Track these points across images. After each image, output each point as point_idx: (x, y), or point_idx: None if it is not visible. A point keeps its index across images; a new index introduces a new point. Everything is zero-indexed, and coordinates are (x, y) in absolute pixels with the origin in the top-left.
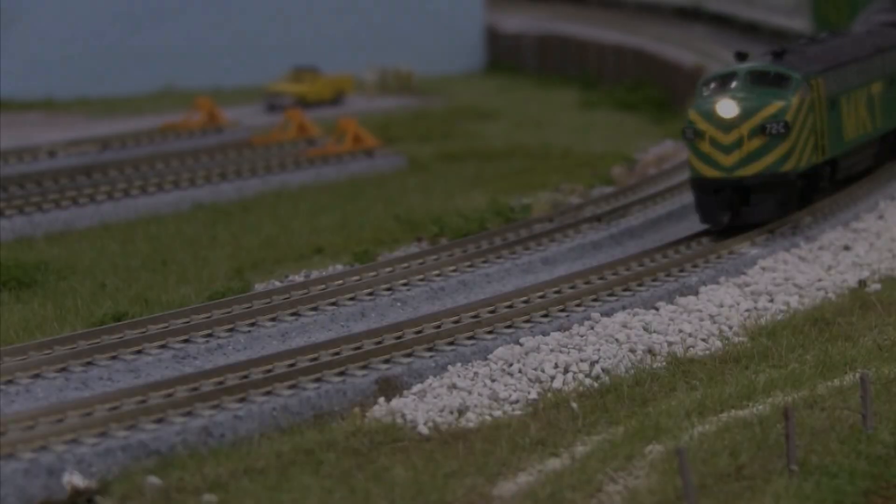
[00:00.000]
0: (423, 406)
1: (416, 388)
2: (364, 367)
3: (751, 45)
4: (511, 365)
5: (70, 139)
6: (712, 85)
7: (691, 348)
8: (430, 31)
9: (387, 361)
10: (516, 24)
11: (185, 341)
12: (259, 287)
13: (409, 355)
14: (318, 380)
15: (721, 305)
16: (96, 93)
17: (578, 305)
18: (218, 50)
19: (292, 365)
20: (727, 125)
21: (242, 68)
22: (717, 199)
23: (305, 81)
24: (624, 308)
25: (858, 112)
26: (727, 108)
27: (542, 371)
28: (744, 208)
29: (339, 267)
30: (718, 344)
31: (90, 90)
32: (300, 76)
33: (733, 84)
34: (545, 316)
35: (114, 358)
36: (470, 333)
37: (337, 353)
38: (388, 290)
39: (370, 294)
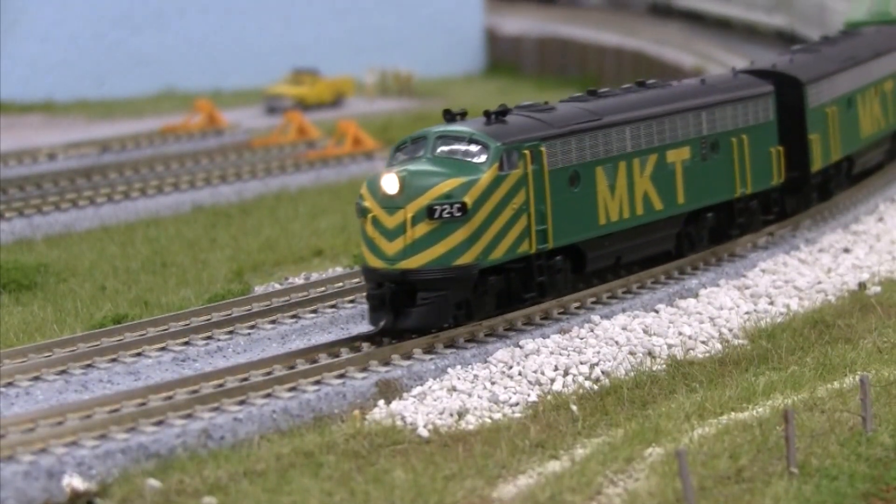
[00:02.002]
0: (422, 409)
1: (416, 390)
2: (364, 370)
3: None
4: (511, 367)
5: (70, 141)
6: (403, 150)
7: (691, 351)
8: (430, 33)
9: (386, 364)
10: (516, 26)
11: (185, 343)
12: (259, 289)
13: (408, 358)
14: (317, 382)
15: (721, 308)
16: (96, 95)
17: (578, 308)
18: (218, 52)
19: (292, 367)
20: (391, 204)
21: (242, 70)
22: (377, 295)
23: (305, 84)
24: (624, 311)
25: (627, 187)
26: (390, 182)
27: (542, 373)
28: (408, 310)
29: (339, 269)
30: (718, 346)
31: (90, 92)
32: (300, 78)
33: (421, 152)
34: (545, 318)
35: (113, 360)
36: (469, 336)
37: (336, 356)
38: None
39: None
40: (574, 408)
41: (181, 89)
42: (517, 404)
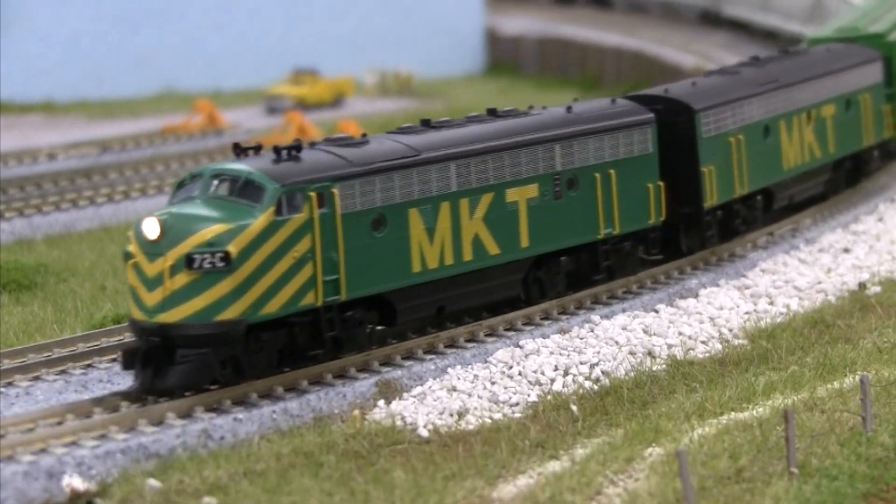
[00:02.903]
0: (422, 409)
1: (416, 390)
2: (364, 370)
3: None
4: (511, 367)
5: (70, 141)
6: (183, 188)
7: (691, 351)
8: (431, 33)
9: (386, 364)
10: (516, 26)
11: None
12: None
13: (408, 358)
14: (317, 382)
15: (721, 308)
16: (96, 95)
17: (578, 308)
18: (218, 52)
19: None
20: (152, 250)
21: (242, 70)
22: (131, 350)
23: (305, 83)
24: (624, 311)
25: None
26: (150, 226)
27: (542, 374)
28: (168, 368)
29: None
30: (718, 346)
31: (90, 92)
32: (300, 78)
33: (195, 192)
34: (545, 318)
35: (113, 360)
36: (469, 336)
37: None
38: None
39: None
40: (574, 408)
41: (181, 89)
42: (517, 404)
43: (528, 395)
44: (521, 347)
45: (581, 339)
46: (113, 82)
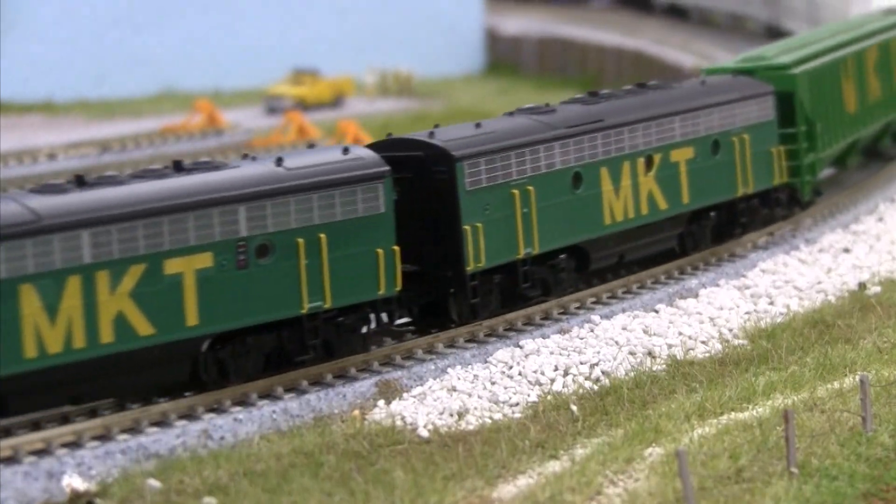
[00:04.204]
0: (423, 409)
1: (416, 390)
2: (364, 370)
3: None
4: (511, 367)
5: (70, 141)
6: None
7: (691, 351)
8: (430, 33)
9: (386, 364)
10: (516, 26)
11: None
12: None
13: (408, 358)
14: (318, 382)
15: (721, 308)
16: (96, 95)
17: (579, 308)
18: (218, 52)
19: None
20: None
21: (242, 71)
22: None
23: (305, 84)
24: (624, 311)
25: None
26: None
27: (542, 374)
28: None
29: None
30: (718, 346)
31: (90, 92)
32: (300, 78)
33: None
34: (545, 318)
35: None
36: (469, 336)
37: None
38: None
39: None
40: (574, 408)
41: (181, 89)
42: (517, 404)
43: (528, 395)
44: (521, 347)
45: (581, 339)
46: (113, 82)
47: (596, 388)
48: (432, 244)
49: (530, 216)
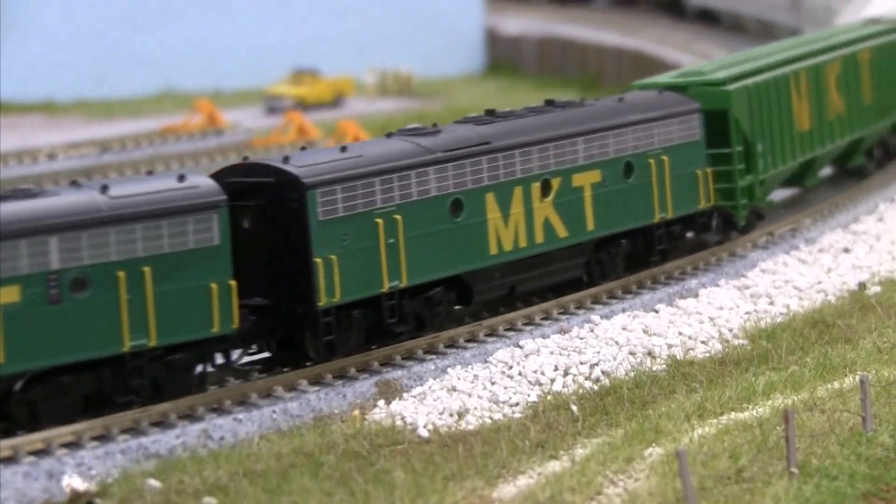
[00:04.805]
0: (422, 409)
1: (416, 390)
2: (364, 370)
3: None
4: (511, 367)
5: (70, 141)
6: None
7: (691, 351)
8: (430, 33)
9: (386, 364)
10: (516, 25)
11: None
12: None
13: (408, 358)
14: (317, 382)
15: (721, 308)
16: (96, 95)
17: (578, 308)
18: (217, 52)
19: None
20: None
21: (242, 70)
22: None
23: (305, 83)
24: (624, 311)
25: None
26: None
27: (542, 374)
28: None
29: None
30: (718, 346)
31: (90, 92)
32: (300, 78)
33: None
34: (545, 318)
35: None
36: (469, 336)
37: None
38: None
39: None
40: (574, 408)
41: (181, 89)
42: (517, 404)
43: (528, 395)
44: (521, 347)
45: (581, 339)
46: (113, 82)
47: (596, 388)
48: (284, 277)
49: (397, 247)
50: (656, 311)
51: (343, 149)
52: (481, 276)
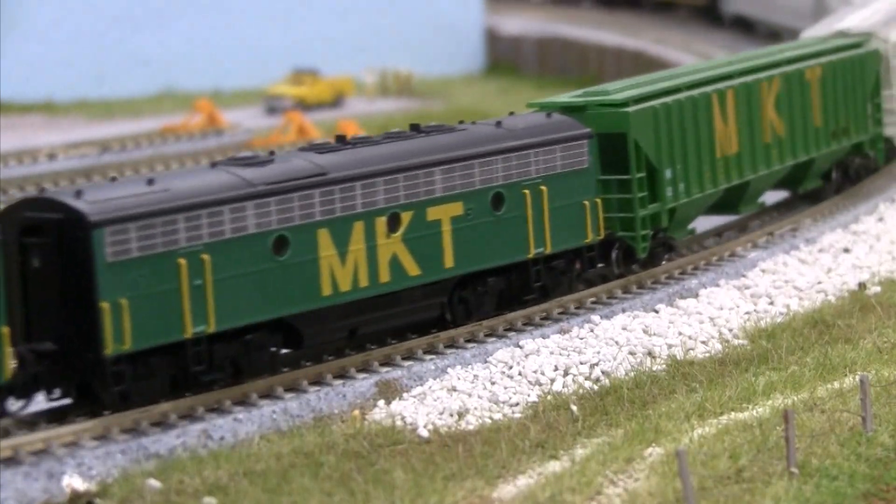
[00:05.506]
0: (423, 409)
1: (416, 390)
2: (364, 370)
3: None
4: (511, 367)
5: (70, 141)
6: None
7: (691, 351)
8: (430, 33)
9: (386, 364)
10: (516, 25)
11: None
12: None
13: (408, 358)
14: (317, 382)
15: (721, 308)
16: (96, 95)
17: (578, 308)
18: (218, 52)
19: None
20: None
21: (242, 70)
22: None
23: (305, 84)
24: (624, 311)
25: None
26: None
27: (542, 374)
28: None
29: None
30: (718, 346)
31: (90, 92)
32: (300, 78)
33: None
34: (545, 318)
35: None
36: (469, 336)
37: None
38: None
39: None
40: (574, 408)
41: (181, 89)
42: (517, 404)
43: (528, 395)
44: (521, 347)
45: (581, 339)
46: (113, 82)
47: (596, 388)
48: (73, 321)
49: (204, 289)
50: (656, 311)
51: (150, 181)
52: (312, 318)
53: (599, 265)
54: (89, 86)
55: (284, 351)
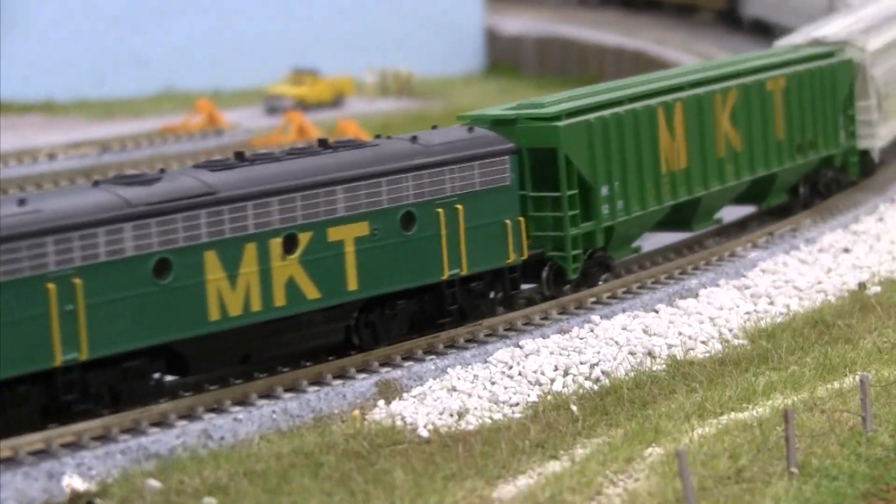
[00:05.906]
0: (422, 409)
1: (416, 390)
2: (364, 370)
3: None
4: (511, 367)
5: (70, 141)
6: None
7: (691, 351)
8: (430, 33)
9: (386, 364)
10: (516, 25)
11: None
12: None
13: (408, 358)
14: (317, 382)
15: (721, 308)
16: (96, 95)
17: (578, 308)
18: (218, 52)
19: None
20: None
21: (242, 70)
22: None
23: (305, 83)
24: (624, 311)
25: None
26: None
27: (542, 374)
28: None
29: None
30: (718, 346)
31: (90, 92)
32: (300, 78)
33: None
34: (545, 318)
35: None
36: (469, 336)
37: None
38: None
39: None
40: (574, 408)
41: (181, 89)
42: (517, 404)
43: (528, 395)
44: (521, 347)
45: (581, 339)
46: (113, 82)
47: (596, 388)
48: None
49: (76, 314)
50: (656, 311)
51: (21, 202)
52: (198, 344)
53: (528, 286)
54: (89, 86)
55: (170, 378)
